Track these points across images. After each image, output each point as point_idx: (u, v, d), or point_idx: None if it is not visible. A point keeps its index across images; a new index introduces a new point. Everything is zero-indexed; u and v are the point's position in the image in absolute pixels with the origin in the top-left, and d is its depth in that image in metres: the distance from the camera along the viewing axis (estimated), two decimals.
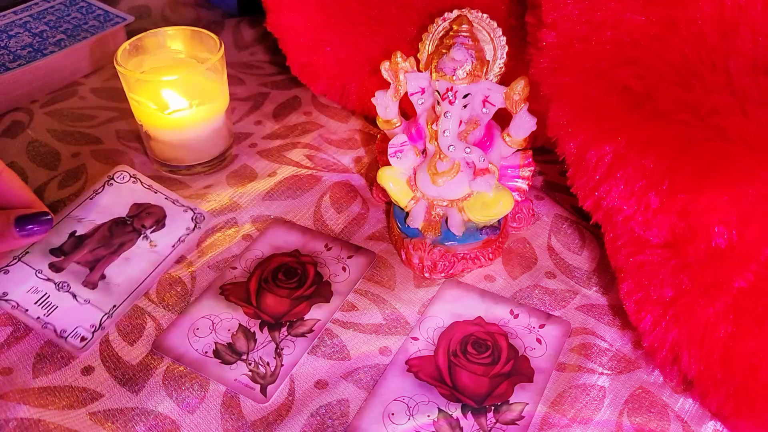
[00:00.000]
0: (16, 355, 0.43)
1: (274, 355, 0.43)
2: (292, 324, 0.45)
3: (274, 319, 0.45)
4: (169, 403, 0.41)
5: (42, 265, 0.46)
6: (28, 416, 0.40)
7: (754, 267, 0.37)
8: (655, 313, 0.41)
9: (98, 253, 0.48)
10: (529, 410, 0.40)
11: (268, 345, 0.43)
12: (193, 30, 0.57)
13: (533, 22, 0.45)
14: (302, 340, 0.44)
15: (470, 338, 0.44)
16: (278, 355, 0.43)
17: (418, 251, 0.48)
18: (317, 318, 0.45)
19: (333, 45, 0.59)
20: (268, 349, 0.43)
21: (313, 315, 0.45)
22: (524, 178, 0.50)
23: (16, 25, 0.70)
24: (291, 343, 0.44)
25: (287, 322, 0.45)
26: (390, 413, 0.40)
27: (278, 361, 0.43)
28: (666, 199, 0.39)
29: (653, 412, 0.41)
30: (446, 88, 0.44)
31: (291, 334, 0.44)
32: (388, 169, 0.49)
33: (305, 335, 0.44)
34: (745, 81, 0.37)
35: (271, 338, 0.44)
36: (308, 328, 0.45)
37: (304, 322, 0.45)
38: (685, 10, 0.40)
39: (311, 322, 0.45)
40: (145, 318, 0.45)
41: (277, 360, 0.43)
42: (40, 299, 0.44)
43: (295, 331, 0.44)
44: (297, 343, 0.44)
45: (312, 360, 0.43)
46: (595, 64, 0.42)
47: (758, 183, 0.36)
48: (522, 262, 0.50)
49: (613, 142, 0.41)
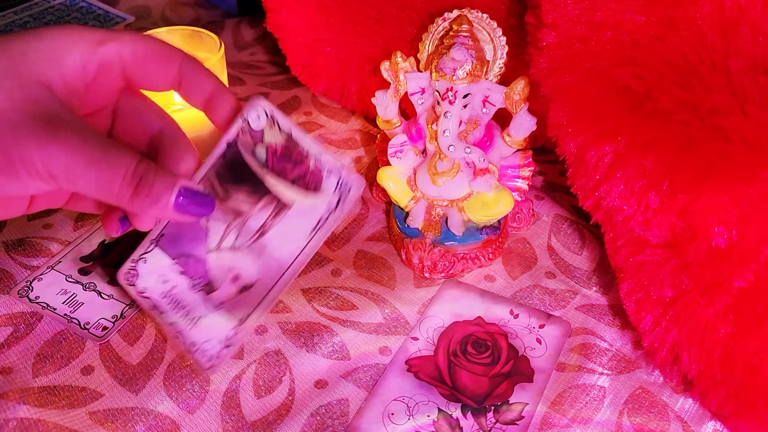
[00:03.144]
0: (16, 355, 0.43)
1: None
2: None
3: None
4: (169, 403, 0.41)
5: (72, 271, 0.48)
6: (28, 416, 0.40)
7: (754, 267, 0.37)
8: (655, 313, 0.41)
9: (124, 255, 0.48)
10: (529, 410, 0.40)
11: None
12: (193, 30, 0.57)
13: (533, 22, 0.45)
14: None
15: (470, 338, 0.44)
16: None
17: (418, 251, 0.48)
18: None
19: (333, 45, 0.59)
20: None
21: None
22: (524, 178, 0.50)
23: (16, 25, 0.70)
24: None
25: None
26: (390, 413, 0.40)
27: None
28: (666, 199, 0.39)
29: (653, 412, 0.41)
30: (446, 88, 0.44)
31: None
32: (388, 169, 0.49)
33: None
34: (745, 81, 0.37)
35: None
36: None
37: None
38: (685, 10, 0.40)
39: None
40: (145, 318, 0.45)
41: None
42: (68, 299, 0.46)
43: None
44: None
45: (312, 360, 0.43)
46: (595, 64, 0.42)
47: (758, 183, 0.36)
48: (522, 262, 0.50)
49: (613, 142, 0.41)
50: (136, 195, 0.32)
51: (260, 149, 0.37)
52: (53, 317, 0.45)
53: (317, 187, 0.37)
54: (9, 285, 0.47)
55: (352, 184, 0.37)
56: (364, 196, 0.55)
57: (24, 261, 0.49)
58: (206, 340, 0.38)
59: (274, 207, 0.38)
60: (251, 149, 0.37)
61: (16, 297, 0.46)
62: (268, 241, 0.38)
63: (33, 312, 0.45)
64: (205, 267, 0.38)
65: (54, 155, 0.30)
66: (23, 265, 0.48)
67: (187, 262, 0.38)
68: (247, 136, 0.37)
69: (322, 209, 0.37)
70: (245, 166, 0.37)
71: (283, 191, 0.37)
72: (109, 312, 0.45)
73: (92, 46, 0.34)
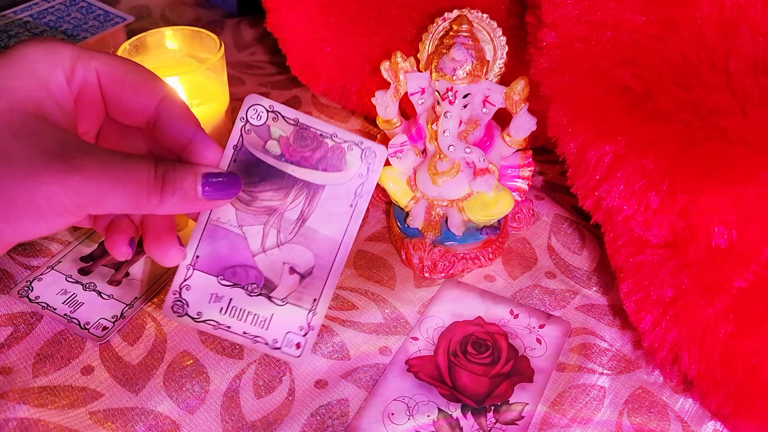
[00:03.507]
0: (16, 355, 0.43)
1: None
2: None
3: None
4: (169, 403, 0.41)
5: (72, 271, 0.48)
6: (28, 416, 0.40)
7: (754, 267, 0.37)
8: (655, 313, 0.41)
9: None
10: (529, 410, 0.40)
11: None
12: (193, 30, 0.57)
13: (533, 22, 0.45)
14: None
15: (470, 338, 0.44)
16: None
17: (418, 251, 0.48)
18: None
19: (333, 45, 0.59)
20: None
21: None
22: (524, 178, 0.50)
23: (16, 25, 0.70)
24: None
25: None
26: (390, 413, 0.40)
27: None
28: (666, 199, 0.39)
29: (653, 412, 0.41)
30: (446, 88, 0.44)
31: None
32: (388, 169, 0.49)
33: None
34: (745, 81, 0.37)
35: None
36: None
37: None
38: (685, 10, 0.40)
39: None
40: (145, 318, 0.45)
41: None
42: (68, 299, 0.46)
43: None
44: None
45: (312, 359, 0.43)
46: (595, 64, 0.42)
47: (758, 183, 0.36)
48: (522, 262, 0.50)
49: (613, 142, 0.41)
50: (164, 196, 0.31)
51: (271, 144, 0.38)
52: (53, 317, 0.45)
53: (342, 163, 0.38)
54: (9, 285, 0.47)
55: (376, 150, 0.38)
56: None
57: (24, 261, 0.49)
58: (287, 332, 0.38)
59: (306, 194, 0.38)
60: (262, 146, 0.38)
61: (16, 297, 0.46)
62: (313, 224, 0.38)
63: (33, 312, 0.45)
64: (256, 271, 0.38)
65: (78, 187, 0.29)
66: (23, 265, 0.48)
67: (235, 273, 0.38)
68: (252, 135, 0.38)
69: (354, 181, 0.38)
70: (260, 164, 0.38)
71: (310, 176, 0.38)
72: (109, 312, 0.45)
73: (71, 62, 0.32)
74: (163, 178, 0.31)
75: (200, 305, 0.38)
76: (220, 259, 0.38)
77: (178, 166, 0.32)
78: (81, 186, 0.29)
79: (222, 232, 0.38)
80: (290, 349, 0.38)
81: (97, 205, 0.30)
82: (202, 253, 0.38)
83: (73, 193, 0.29)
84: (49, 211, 0.29)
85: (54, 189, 0.29)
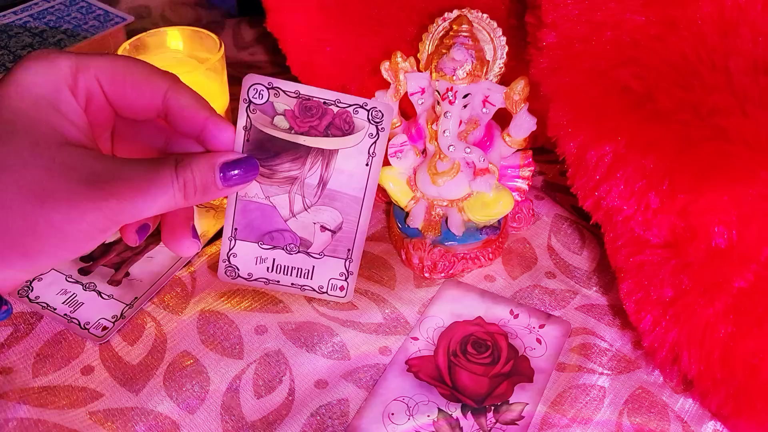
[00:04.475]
0: (16, 355, 0.43)
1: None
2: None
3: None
4: (169, 403, 0.41)
5: (72, 270, 0.48)
6: (28, 416, 0.40)
7: (754, 267, 0.37)
8: (655, 313, 0.41)
9: (124, 255, 0.49)
10: (529, 410, 0.40)
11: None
12: (193, 30, 0.57)
13: (533, 22, 0.45)
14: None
15: (470, 338, 0.44)
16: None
17: (418, 251, 0.48)
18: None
19: (333, 45, 0.59)
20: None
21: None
22: (524, 178, 0.50)
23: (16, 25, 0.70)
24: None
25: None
26: (390, 413, 0.40)
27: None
28: (666, 199, 0.39)
29: (653, 412, 0.41)
30: (446, 88, 0.44)
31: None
32: (388, 169, 0.49)
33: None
34: (745, 81, 0.37)
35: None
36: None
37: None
38: (685, 10, 0.40)
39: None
40: (145, 318, 0.45)
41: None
42: (68, 299, 0.46)
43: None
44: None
45: (312, 359, 0.43)
46: (595, 64, 0.42)
47: (758, 183, 0.36)
48: (522, 262, 0.50)
49: (613, 142, 0.41)
50: (187, 194, 0.33)
51: (279, 119, 0.40)
52: (53, 317, 0.45)
53: (350, 126, 0.40)
54: None
55: (382, 109, 0.40)
56: None
57: None
58: (330, 278, 0.43)
59: (321, 160, 0.41)
60: (270, 122, 0.40)
61: (16, 297, 0.46)
62: (334, 186, 0.41)
63: (33, 312, 0.45)
64: (291, 233, 0.42)
65: (116, 209, 0.32)
66: None
67: (273, 237, 0.42)
68: (257, 113, 0.39)
69: (366, 142, 0.41)
70: (273, 140, 0.40)
71: (322, 143, 0.40)
72: (109, 312, 0.45)
73: (72, 75, 0.33)
74: (183, 177, 0.33)
75: (249, 267, 0.43)
76: (256, 228, 0.42)
77: (195, 162, 0.34)
78: (119, 208, 0.32)
79: (252, 205, 0.42)
80: (335, 291, 0.43)
81: (133, 218, 0.33)
82: (239, 225, 0.42)
83: (113, 215, 0.32)
84: (95, 232, 0.32)
85: (97, 215, 0.31)
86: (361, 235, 0.42)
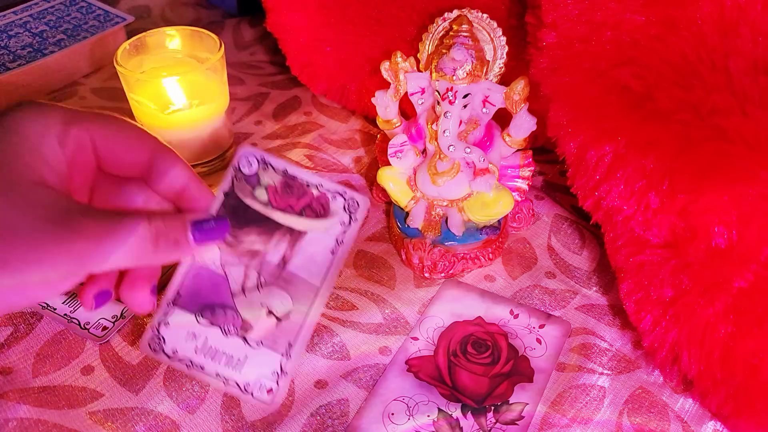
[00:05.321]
0: (16, 355, 0.43)
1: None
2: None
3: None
4: (169, 403, 0.41)
5: None
6: (28, 416, 0.40)
7: (754, 267, 0.37)
8: (655, 313, 0.41)
9: None
10: (529, 410, 0.40)
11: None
12: (193, 30, 0.57)
13: (533, 22, 0.45)
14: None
15: (470, 338, 0.44)
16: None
17: (418, 251, 0.48)
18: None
19: (333, 45, 0.59)
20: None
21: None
22: (524, 178, 0.50)
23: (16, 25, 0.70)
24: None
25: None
26: (390, 413, 0.40)
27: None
28: (666, 199, 0.39)
29: (653, 412, 0.41)
30: (446, 88, 0.44)
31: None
32: (388, 169, 0.49)
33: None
34: (745, 81, 0.37)
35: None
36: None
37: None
38: (685, 10, 0.40)
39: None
40: (145, 318, 0.45)
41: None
42: (68, 299, 0.46)
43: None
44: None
45: (312, 359, 0.43)
46: (595, 64, 0.42)
47: (758, 183, 0.36)
48: (522, 262, 0.50)
49: (613, 142, 0.41)
50: (158, 250, 0.33)
51: (259, 191, 0.39)
52: (53, 317, 0.45)
53: (326, 211, 0.39)
54: None
55: (359, 200, 0.39)
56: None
57: None
58: (258, 377, 0.38)
59: (289, 238, 0.39)
60: (250, 193, 0.39)
61: None
62: (293, 268, 0.39)
63: (33, 312, 0.45)
64: (234, 311, 0.39)
65: (82, 251, 0.30)
66: None
67: (213, 313, 0.39)
68: (242, 182, 0.39)
69: (336, 228, 0.39)
70: (248, 210, 0.39)
71: (294, 222, 0.39)
72: (109, 312, 0.45)
73: (64, 127, 0.33)
74: (156, 233, 0.32)
75: (176, 342, 0.38)
76: (200, 296, 0.39)
77: (168, 218, 0.34)
78: (84, 249, 0.30)
79: (205, 271, 0.39)
80: (262, 394, 0.38)
81: (99, 265, 0.31)
82: (184, 291, 0.39)
83: (78, 257, 0.30)
84: (56, 277, 0.30)
85: (60, 257, 0.30)
86: (307, 330, 0.38)
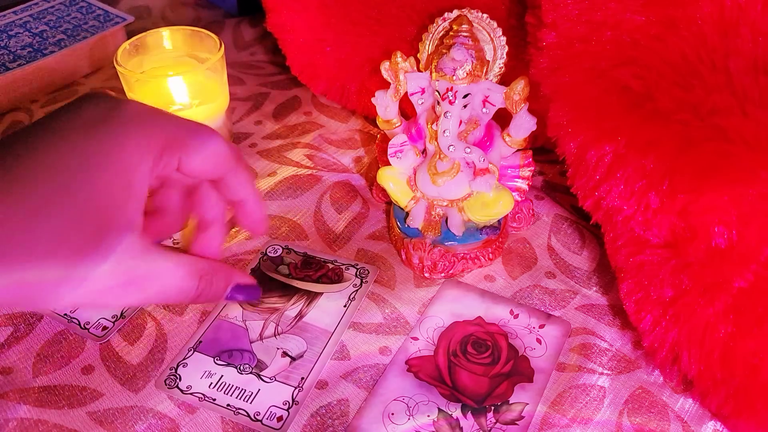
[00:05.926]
0: (16, 355, 0.43)
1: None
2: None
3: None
4: (169, 403, 0.41)
5: None
6: (28, 416, 0.40)
7: (754, 267, 0.37)
8: (655, 313, 0.41)
9: None
10: (529, 410, 0.40)
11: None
12: (193, 30, 0.57)
13: (533, 22, 0.45)
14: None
15: (470, 338, 0.44)
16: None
17: (418, 251, 0.48)
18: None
19: (333, 45, 0.59)
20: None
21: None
22: (524, 178, 0.50)
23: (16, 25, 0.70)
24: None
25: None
26: (390, 413, 0.40)
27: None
28: (666, 199, 0.39)
29: (653, 412, 0.41)
30: (446, 88, 0.44)
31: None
32: (388, 169, 0.49)
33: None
34: (745, 81, 0.37)
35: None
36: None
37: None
38: (685, 10, 0.40)
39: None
40: (145, 318, 0.45)
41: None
42: None
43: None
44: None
45: None
46: (595, 64, 0.42)
47: (758, 183, 0.36)
48: (522, 262, 0.50)
49: (613, 142, 0.41)
50: (199, 296, 0.34)
51: (282, 267, 0.48)
52: (53, 317, 0.45)
53: (340, 277, 0.47)
54: None
55: (369, 269, 0.48)
56: (364, 195, 0.55)
57: None
58: (270, 406, 0.40)
59: (306, 298, 0.46)
60: (274, 269, 0.48)
61: None
62: (308, 319, 0.45)
63: (33, 312, 0.45)
64: (251, 354, 0.43)
65: (135, 299, 0.32)
66: None
67: (231, 355, 0.43)
68: (267, 262, 0.48)
69: (348, 289, 0.47)
70: (272, 280, 0.47)
71: (312, 287, 0.46)
72: (109, 312, 0.45)
73: (160, 151, 0.31)
74: (201, 287, 0.34)
75: (191, 380, 0.41)
76: (219, 344, 0.43)
77: (218, 271, 0.35)
78: (138, 299, 0.32)
79: (227, 324, 0.44)
80: (272, 421, 0.39)
81: (146, 303, 0.35)
82: (206, 339, 0.44)
83: (127, 303, 0.32)
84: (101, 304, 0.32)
85: (113, 299, 0.31)
86: (320, 366, 0.42)
